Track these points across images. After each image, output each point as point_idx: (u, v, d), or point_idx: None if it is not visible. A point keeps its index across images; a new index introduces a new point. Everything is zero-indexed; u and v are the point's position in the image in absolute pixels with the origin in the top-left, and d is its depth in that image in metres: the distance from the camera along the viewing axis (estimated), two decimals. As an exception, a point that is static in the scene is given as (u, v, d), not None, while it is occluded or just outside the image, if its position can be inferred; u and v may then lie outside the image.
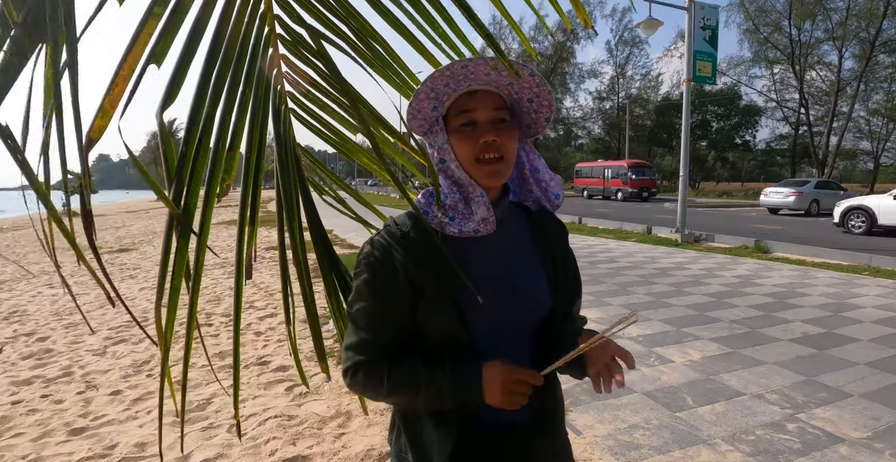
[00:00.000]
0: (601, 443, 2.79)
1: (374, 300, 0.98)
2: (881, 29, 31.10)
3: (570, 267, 1.14)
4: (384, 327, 0.99)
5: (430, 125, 1.02)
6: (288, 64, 1.20)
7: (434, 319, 0.98)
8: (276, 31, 1.10)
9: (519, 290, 1.03)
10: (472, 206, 1.00)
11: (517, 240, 1.08)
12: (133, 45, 0.78)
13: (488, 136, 0.95)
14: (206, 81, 0.89)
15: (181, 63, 0.84)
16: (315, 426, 3.01)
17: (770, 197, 19.67)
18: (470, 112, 0.97)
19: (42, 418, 3.18)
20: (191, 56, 0.86)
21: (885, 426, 2.96)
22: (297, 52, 1.16)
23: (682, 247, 10.68)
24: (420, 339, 1.00)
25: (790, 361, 4.00)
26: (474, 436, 0.99)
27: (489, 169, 0.97)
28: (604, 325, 4.99)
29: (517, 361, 0.97)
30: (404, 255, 0.97)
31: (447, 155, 1.00)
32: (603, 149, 52.55)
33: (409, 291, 0.97)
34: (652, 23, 11.82)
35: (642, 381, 3.63)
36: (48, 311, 5.90)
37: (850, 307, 5.71)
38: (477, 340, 0.98)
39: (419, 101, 0.97)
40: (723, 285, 6.86)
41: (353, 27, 1.15)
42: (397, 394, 0.97)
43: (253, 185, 1.04)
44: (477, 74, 0.95)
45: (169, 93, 0.82)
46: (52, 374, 3.91)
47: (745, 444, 2.76)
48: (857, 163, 45.30)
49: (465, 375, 0.93)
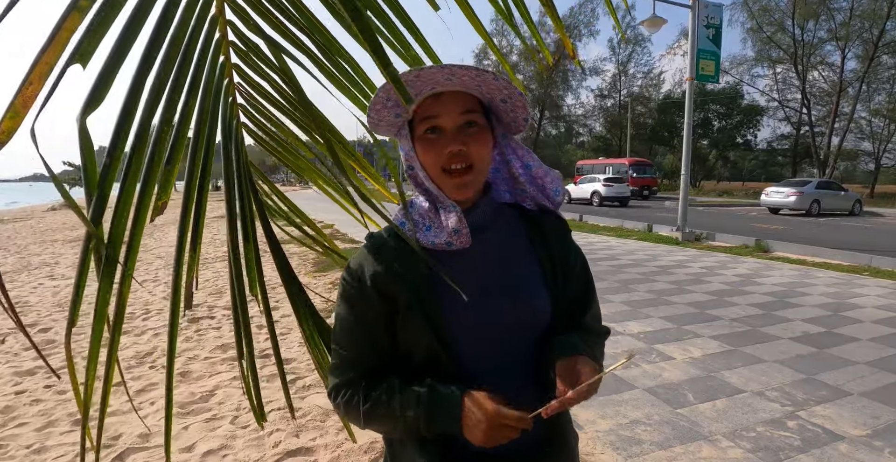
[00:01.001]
0: (603, 438, 2.81)
1: (351, 318, 0.94)
2: (884, 30, 31.01)
3: (572, 268, 1.03)
4: (363, 347, 0.94)
5: (397, 129, 0.97)
6: (241, 75, 1.13)
7: (410, 336, 0.91)
8: (229, 37, 1.04)
9: (509, 300, 0.94)
10: (441, 216, 0.93)
11: (506, 245, 0.99)
12: (51, 41, 0.71)
13: (453, 145, 0.88)
14: (140, 85, 0.82)
15: (110, 64, 0.78)
16: (318, 419, 3.02)
17: (771, 196, 19.69)
18: (434, 118, 0.89)
19: (45, 408, 3.20)
20: (122, 57, 0.79)
21: (884, 424, 2.98)
22: (253, 64, 1.10)
23: (682, 245, 10.69)
24: (405, 362, 0.94)
25: (790, 360, 4.02)
26: (462, 449, 0.90)
27: (457, 181, 0.90)
28: (605, 322, 5.00)
29: (509, 380, 0.92)
30: (377, 268, 0.92)
31: (414, 162, 0.93)
32: (604, 146, 52.49)
33: (382, 305, 0.92)
34: (655, 21, 11.80)
35: (644, 377, 3.65)
36: (50, 303, 5.92)
37: (850, 307, 5.73)
38: (462, 358, 0.91)
39: (377, 111, 0.92)
40: (723, 284, 6.87)
41: (317, 41, 1.09)
42: (375, 423, 0.92)
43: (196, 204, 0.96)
44: (436, 78, 0.86)
45: (93, 96, 0.75)
46: (55, 364, 3.92)
47: (745, 441, 2.78)
48: (858, 163, 45.26)
49: (443, 409, 0.85)
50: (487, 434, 0.80)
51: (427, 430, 0.86)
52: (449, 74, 0.85)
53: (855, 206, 20.73)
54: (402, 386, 0.89)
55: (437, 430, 0.86)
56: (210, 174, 1.02)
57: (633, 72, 52.49)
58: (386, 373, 0.93)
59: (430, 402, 0.85)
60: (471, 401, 0.83)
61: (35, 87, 0.70)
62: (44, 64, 0.70)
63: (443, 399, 0.85)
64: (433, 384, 0.87)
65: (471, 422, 0.82)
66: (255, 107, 1.20)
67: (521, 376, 0.95)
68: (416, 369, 0.92)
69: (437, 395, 0.86)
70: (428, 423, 0.85)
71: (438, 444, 0.90)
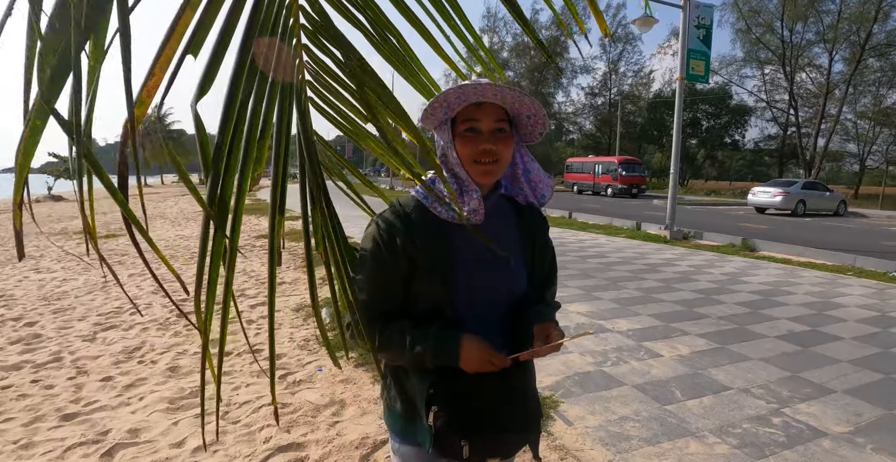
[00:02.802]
0: (592, 433, 2.84)
1: (375, 268, 1.17)
2: (871, 33, 31.45)
3: (547, 257, 1.33)
4: (382, 292, 1.18)
5: (439, 123, 1.18)
6: (308, 54, 1.23)
7: (424, 290, 1.16)
8: (300, 21, 1.11)
9: (500, 273, 1.21)
10: (464, 197, 1.17)
11: (504, 229, 1.25)
12: (171, 34, 0.79)
13: (488, 144, 1.13)
14: (241, 72, 0.90)
15: (216, 53, 0.86)
16: (309, 414, 3.02)
17: (757, 196, 19.93)
18: (475, 121, 1.14)
19: (33, 403, 3.16)
20: (225, 46, 0.87)
21: (866, 421, 3.04)
22: (317, 41, 1.18)
23: (670, 243, 10.79)
24: (411, 307, 1.19)
25: (776, 357, 4.08)
26: (450, 378, 1.14)
27: (484, 169, 1.15)
28: (594, 318, 5.05)
29: (488, 335, 1.15)
30: (405, 231, 1.15)
31: (450, 152, 1.16)
32: (594, 144, 52.69)
33: (405, 263, 1.15)
34: (647, 20, 11.84)
35: (632, 374, 3.69)
36: (35, 296, 5.84)
37: (834, 306, 5.82)
38: (460, 310, 1.16)
39: (433, 109, 1.14)
40: (711, 282, 6.95)
41: (368, 17, 1.17)
42: (387, 350, 1.16)
43: (282, 174, 1.07)
44: (485, 92, 1.10)
45: (203, 83, 0.83)
46: (42, 359, 3.87)
47: (731, 437, 2.82)
48: (844, 165, 45.92)
49: (446, 345, 1.11)
50: (478, 366, 1.10)
51: (432, 361, 1.11)
52: (498, 91, 1.10)
53: (840, 207, 21.03)
54: (412, 326, 1.15)
55: (439, 362, 1.11)
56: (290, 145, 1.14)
57: (624, 70, 52.78)
58: (395, 315, 1.19)
59: (436, 339, 1.12)
60: (468, 342, 1.11)
61: (158, 78, 0.78)
62: (166, 56, 0.78)
63: (447, 338, 1.11)
64: (439, 326, 1.14)
65: (467, 356, 1.10)
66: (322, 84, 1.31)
67: (498, 330, 1.22)
68: (420, 313, 1.18)
69: (443, 336, 1.12)
70: (433, 356, 1.11)
71: (435, 374, 1.14)
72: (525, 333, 1.18)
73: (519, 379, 1.23)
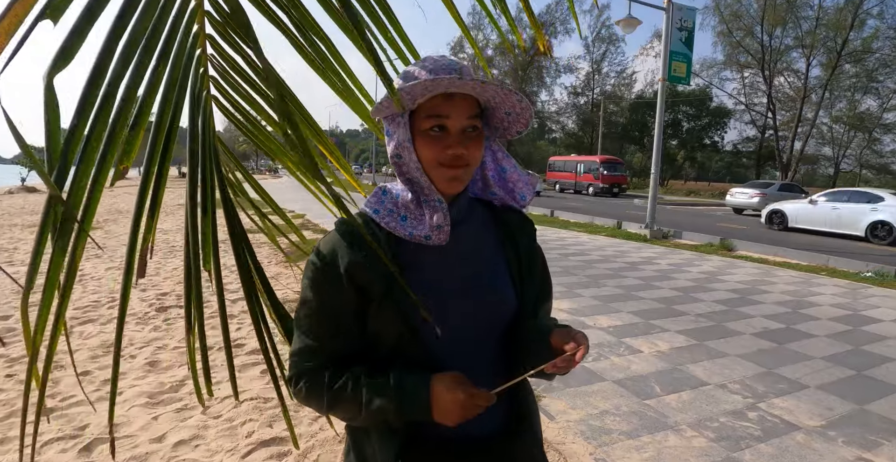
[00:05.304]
0: (574, 427, 2.88)
1: (317, 304, 0.93)
2: (848, 39, 32.20)
3: (536, 267, 1.06)
4: (329, 333, 0.93)
5: (394, 116, 0.94)
6: (215, 47, 1.11)
7: (381, 324, 0.91)
8: (204, 6, 1.01)
9: (480, 293, 0.96)
10: (423, 209, 0.93)
11: (478, 239, 1.01)
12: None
13: (457, 148, 0.89)
14: (112, 47, 0.79)
15: (81, 21, 0.74)
16: (292, 409, 3.01)
17: (736, 197, 20.29)
18: (443, 118, 0.89)
19: (7, 398, 3.09)
20: (95, 15, 0.76)
21: (838, 416, 3.13)
22: (227, 35, 1.08)
23: (650, 242, 10.94)
24: (372, 351, 0.94)
25: (752, 354, 4.18)
26: (421, 448, 0.91)
27: (451, 173, 0.90)
28: (575, 315, 5.10)
29: (476, 367, 0.93)
30: (352, 256, 0.91)
31: (406, 152, 0.91)
32: (576, 143, 53.12)
33: (352, 293, 0.91)
34: (631, 21, 11.95)
35: (612, 369, 3.74)
36: (9, 290, 5.70)
37: (808, 305, 5.97)
38: (432, 348, 0.91)
39: (390, 102, 0.89)
40: (689, 280, 7.07)
41: (294, 18, 1.08)
42: (339, 410, 0.92)
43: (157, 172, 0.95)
44: (464, 85, 0.87)
45: (62, 54, 0.72)
46: (16, 353, 3.79)
47: (709, 431, 2.89)
48: (819, 168, 46.97)
49: (412, 396, 0.85)
50: (460, 415, 0.84)
51: (397, 417, 0.86)
52: (478, 86, 0.87)
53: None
54: (367, 375, 0.89)
55: (407, 417, 0.86)
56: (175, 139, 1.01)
57: (607, 70, 53.31)
58: (350, 361, 0.93)
59: (399, 390, 0.86)
60: (439, 385, 0.85)
61: (1, 42, 0.65)
62: (12, 16, 0.66)
63: (412, 385, 0.86)
64: (400, 372, 0.88)
65: (442, 406, 0.84)
66: (228, 81, 1.18)
67: (488, 362, 0.97)
68: (383, 355, 0.92)
69: (406, 383, 0.86)
70: (398, 411, 0.85)
71: (403, 433, 0.90)
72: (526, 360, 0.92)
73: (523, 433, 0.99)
